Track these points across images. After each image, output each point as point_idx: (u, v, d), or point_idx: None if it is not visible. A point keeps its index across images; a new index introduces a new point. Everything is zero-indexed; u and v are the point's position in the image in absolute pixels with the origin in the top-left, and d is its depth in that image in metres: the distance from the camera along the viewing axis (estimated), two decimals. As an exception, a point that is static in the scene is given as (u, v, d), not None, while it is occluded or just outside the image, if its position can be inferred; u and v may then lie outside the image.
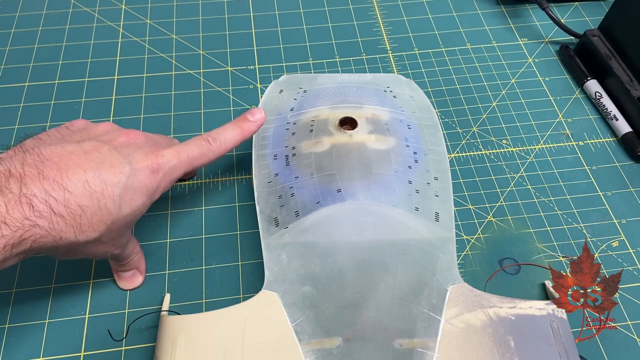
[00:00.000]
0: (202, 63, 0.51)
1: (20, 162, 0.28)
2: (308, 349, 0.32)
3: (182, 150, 0.33)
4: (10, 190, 0.26)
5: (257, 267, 0.38)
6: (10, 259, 0.27)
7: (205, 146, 0.34)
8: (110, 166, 0.30)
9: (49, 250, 0.29)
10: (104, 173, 0.29)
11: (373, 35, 0.54)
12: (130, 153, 0.31)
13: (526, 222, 0.41)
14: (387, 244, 0.35)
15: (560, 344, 0.32)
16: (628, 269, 0.39)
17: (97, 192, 0.28)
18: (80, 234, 0.28)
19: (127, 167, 0.30)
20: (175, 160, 0.32)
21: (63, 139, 0.31)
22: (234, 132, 0.36)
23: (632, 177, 0.44)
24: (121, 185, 0.29)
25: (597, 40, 0.50)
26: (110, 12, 0.55)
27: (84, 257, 0.31)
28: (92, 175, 0.29)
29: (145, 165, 0.31)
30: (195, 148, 0.34)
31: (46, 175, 0.27)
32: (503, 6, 0.58)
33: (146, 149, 0.32)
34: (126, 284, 0.37)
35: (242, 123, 0.37)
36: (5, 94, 0.48)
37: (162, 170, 0.32)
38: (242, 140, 0.37)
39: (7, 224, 0.26)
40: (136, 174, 0.30)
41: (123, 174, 0.30)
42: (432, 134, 0.42)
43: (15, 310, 0.36)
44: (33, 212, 0.26)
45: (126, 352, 0.35)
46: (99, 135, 0.32)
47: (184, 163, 0.33)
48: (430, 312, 0.33)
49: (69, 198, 0.28)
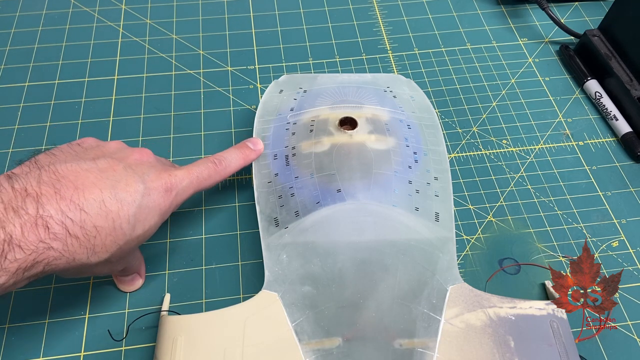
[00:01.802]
0: (202, 63, 0.51)
1: (36, 180, 0.27)
2: (308, 349, 0.32)
3: (193, 171, 0.33)
4: (26, 212, 0.25)
5: (257, 267, 0.38)
6: (21, 282, 0.26)
7: (212, 168, 0.35)
8: (126, 185, 0.29)
9: (59, 272, 0.28)
10: (120, 192, 0.29)
11: (373, 35, 0.54)
12: (145, 172, 0.31)
13: (526, 222, 0.41)
14: (387, 244, 0.35)
15: (560, 344, 0.32)
16: (628, 269, 0.39)
17: (112, 212, 0.28)
18: (92, 255, 0.28)
19: (141, 186, 0.30)
20: (187, 181, 0.32)
21: (77, 156, 0.30)
22: (237, 157, 0.37)
23: (632, 177, 0.44)
24: (136, 204, 0.29)
25: (597, 40, 0.50)
26: (110, 12, 0.55)
27: (88, 275, 0.31)
28: (109, 195, 0.28)
29: (159, 185, 0.31)
30: (204, 169, 0.34)
31: (63, 194, 0.27)
32: (503, 6, 0.58)
33: (159, 167, 0.32)
34: (126, 287, 0.37)
35: (244, 149, 0.38)
36: (5, 94, 0.48)
37: (174, 190, 0.32)
38: (243, 165, 0.37)
39: (21, 247, 0.25)
40: (150, 193, 0.30)
41: (138, 192, 0.29)
42: (432, 134, 0.42)
43: (15, 310, 0.36)
44: (48, 235, 0.26)
45: (126, 352, 0.35)
46: (112, 152, 0.32)
47: (195, 184, 0.33)
48: (430, 312, 0.33)
49: (85, 219, 0.27)
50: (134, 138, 0.45)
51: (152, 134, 0.46)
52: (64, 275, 0.29)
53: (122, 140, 0.35)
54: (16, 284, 0.26)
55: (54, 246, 0.26)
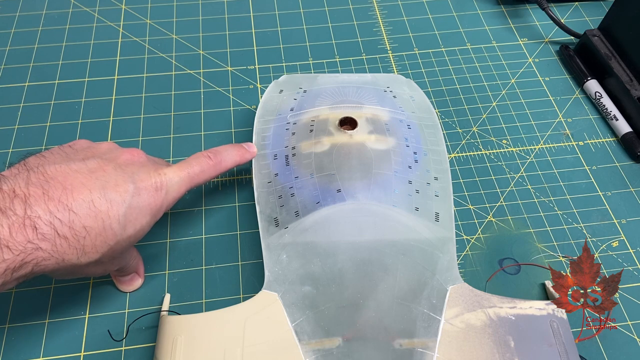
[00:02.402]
0: (202, 63, 0.51)
1: (24, 181, 0.27)
2: (308, 349, 0.32)
3: (183, 168, 0.33)
4: (14, 212, 0.26)
5: (257, 267, 0.38)
6: (10, 282, 0.26)
7: (205, 162, 0.34)
8: (116, 185, 0.29)
9: (49, 273, 0.28)
10: (109, 192, 0.29)
11: (373, 35, 0.54)
12: (135, 172, 0.31)
13: (526, 222, 0.41)
14: (387, 244, 0.35)
15: (560, 344, 0.32)
16: (628, 269, 0.39)
17: (102, 212, 0.28)
18: (82, 256, 0.28)
19: (131, 186, 0.30)
20: (177, 178, 0.32)
21: (67, 157, 0.30)
22: (233, 153, 0.37)
23: (632, 177, 0.44)
24: (126, 204, 0.29)
25: (597, 40, 0.50)
26: (110, 12, 0.55)
27: (81, 276, 0.31)
28: (98, 195, 0.28)
29: (150, 184, 0.31)
30: (196, 165, 0.34)
31: (51, 195, 0.27)
32: (503, 6, 0.58)
33: (149, 167, 0.32)
34: (125, 287, 0.37)
35: (241, 148, 0.38)
36: (5, 94, 0.48)
37: (164, 188, 0.31)
38: (239, 163, 0.37)
39: (9, 248, 0.25)
40: (140, 192, 0.30)
41: (128, 192, 0.29)
42: (432, 134, 0.42)
43: (15, 310, 0.36)
44: (36, 235, 0.26)
45: (126, 352, 0.35)
46: (102, 153, 0.32)
47: (186, 180, 0.33)
48: (430, 312, 0.33)
49: (73, 219, 0.27)
50: (134, 138, 0.45)
51: (152, 134, 0.46)
52: (55, 276, 0.30)
53: (121, 141, 0.35)
54: (5, 285, 0.26)
55: (43, 247, 0.26)
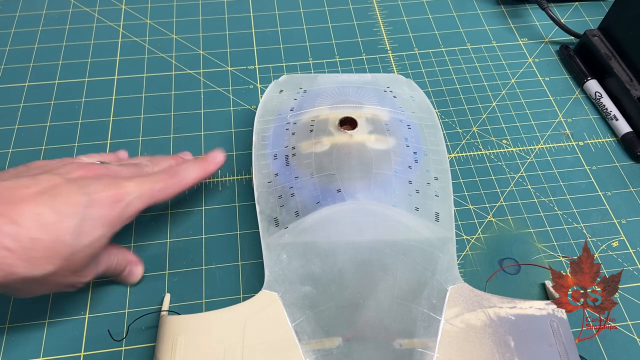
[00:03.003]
0: (202, 63, 0.51)
1: None
2: (308, 349, 0.32)
3: (145, 183, 0.33)
4: None
5: (257, 267, 0.38)
6: None
7: (165, 181, 0.35)
8: (67, 197, 0.29)
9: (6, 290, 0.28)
10: (58, 205, 0.29)
11: (373, 35, 0.54)
12: (87, 184, 0.31)
13: (526, 222, 0.41)
14: (387, 244, 0.35)
15: (560, 344, 0.32)
16: (628, 269, 0.39)
17: (50, 224, 0.28)
18: (33, 269, 0.28)
19: (83, 198, 0.30)
20: (138, 192, 0.32)
21: (18, 174, 0.31)
22: (194, 170, 0.37)
23: (632, 177, 0.44)
24: (78, 216, 0.29)
25: (597, 40, 0.50)
26: (110, 12, 0.55)
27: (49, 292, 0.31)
28: (46, 208, 0.28)
29: (105, 196, 0.31)
30: (158, 182, 0.34)
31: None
32: (503, 6, 0.58)
33: (105, 180, 0.32)
34: (129, 281, 0.37)
35: (202, 162, 0.38)
36: (5, 94, 0.48)
37: (123, 200, 0.31)
38: (202, 178, 0.38)
39: None
40: (94, 204, 0.30)
41: (79, 204, 0.30)
42: (432, 134, 0.42)
43: (15, 310, 0.36)
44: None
45: (126, 352, 0.35)
46: (55, 168, 0.32)
47: (146, 195, 0.33)
48: (430, 312, 0.33)
49: (19, 232, 0.27)
50: (134, 138, 0.45)
51: (152, 134, 0.46)
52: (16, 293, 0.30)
53: (121, 141, 0.35)
54: None
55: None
